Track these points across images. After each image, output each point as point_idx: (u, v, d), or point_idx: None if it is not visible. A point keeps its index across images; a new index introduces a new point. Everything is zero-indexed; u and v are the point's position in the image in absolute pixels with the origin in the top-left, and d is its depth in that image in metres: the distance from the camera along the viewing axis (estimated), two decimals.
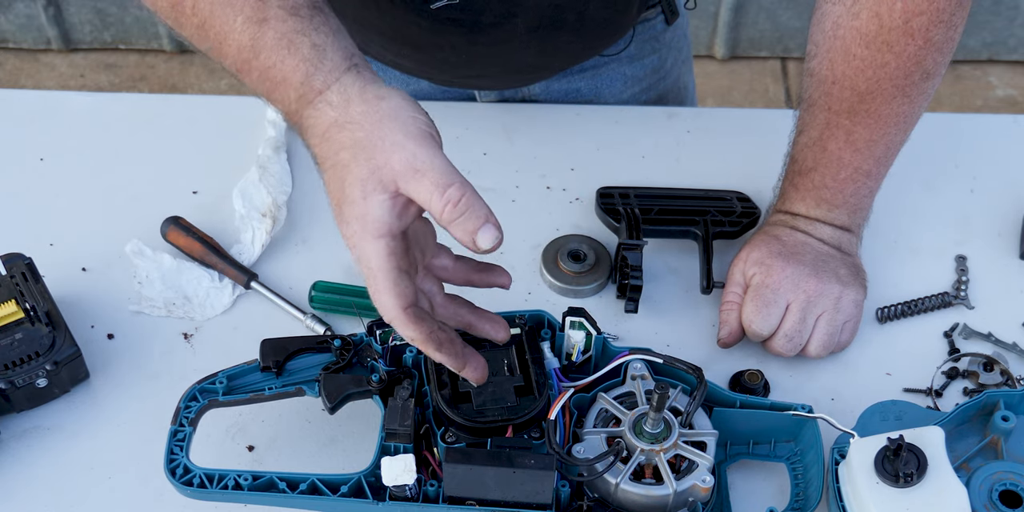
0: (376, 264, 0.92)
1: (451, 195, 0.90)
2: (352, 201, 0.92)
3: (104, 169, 1.35)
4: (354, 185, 0.92)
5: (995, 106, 2.96)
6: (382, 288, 0.93)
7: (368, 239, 0.92)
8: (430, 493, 1.01)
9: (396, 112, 0.93)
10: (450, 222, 0.90)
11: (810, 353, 1.18)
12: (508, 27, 1.26)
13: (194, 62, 3.05)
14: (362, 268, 0.93)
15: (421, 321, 0.94)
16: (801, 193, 1.21)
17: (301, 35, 0.97)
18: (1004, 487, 1.04)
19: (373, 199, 0.91)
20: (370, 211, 0.92)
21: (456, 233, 0.90)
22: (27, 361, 1.11)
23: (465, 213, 0.90)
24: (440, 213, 0.90)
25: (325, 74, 0.96)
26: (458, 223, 0.90)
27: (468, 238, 0.90)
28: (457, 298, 1.03)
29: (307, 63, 0.96)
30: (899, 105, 1.16)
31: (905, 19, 1.11)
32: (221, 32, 1.00)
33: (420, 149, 0.91)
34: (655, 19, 1.44)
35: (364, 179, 0.92)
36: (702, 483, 1.02)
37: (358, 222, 0.92)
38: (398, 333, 0.98)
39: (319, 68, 0.96)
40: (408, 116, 0.93)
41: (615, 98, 1.47)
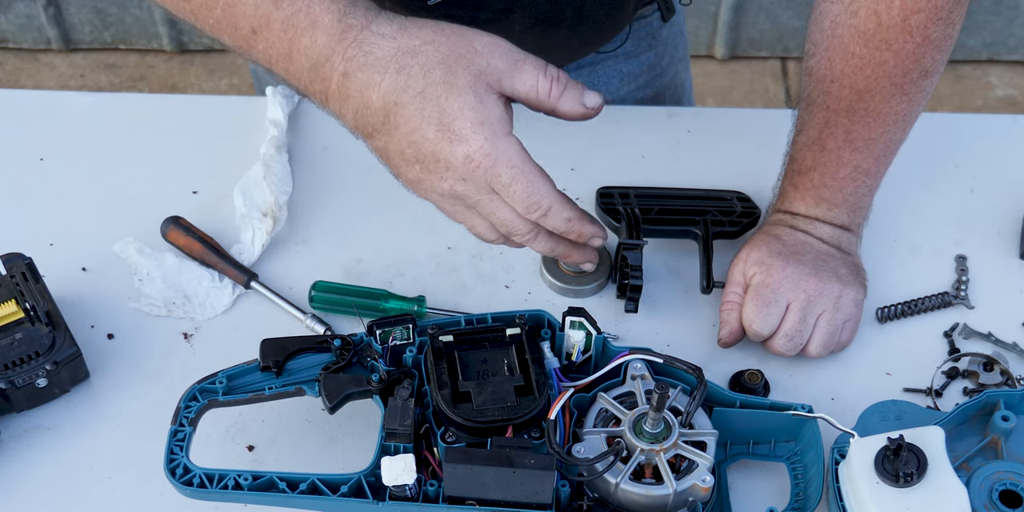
0: (521, 158, 0.96)
1: (552, 72, 0.98)
2: (468, 110, 0.94)
3: (104, 169, 1.35)
4: (464, 95, 0.94)
5: (995, 106, 2.96)
6: (537, 177, 0.97)
7: (502, 138, 0.95)
8: (430, 493, 1.01)
9: (462, 28, 0.97)
10: (559, 96, 0.97)
11: (810, 353, 1.18)
12: (505, 23, 1.26)
13: (194, 62, 3.05)
14: (502, 171, 0.95)
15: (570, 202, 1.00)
16: (800, 192, 1.21)
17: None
18: (1004, 487, 1.04)
19: (489, 100, 0.95)
20: (492, 112, 0.95)
21: (565, 105, 0.98)
22: (27, 361, 1.11)
23: (568, 84, 0.98)
24: (549, 91, 0.97)
25: (363, 11, 0.96)
26: (566, 93, 0.98)
27: (578, 103, 0.98)
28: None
29: (339, 2, 0.96)
30: (898, 103, 1.16)
31: (903, 17, 1.11)
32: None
33: (508, 44, 0.96)
34: (651, 16, 1.44)
35: (473, 85, 0.94)
36: (702, 483, 1.02)
37: (485, 128, 0.94)
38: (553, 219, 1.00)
39: (355, 5, 0.96)
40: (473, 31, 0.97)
41: (611, 95, 1.47)
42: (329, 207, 1.32)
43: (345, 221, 1.31)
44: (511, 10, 1.25)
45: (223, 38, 1.03)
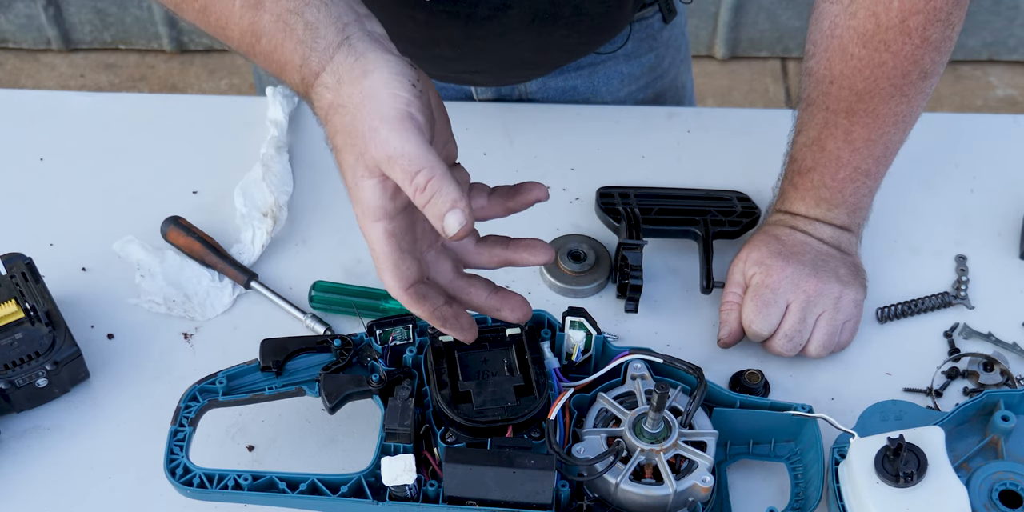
0: (377, 247, 0.94)
1: (418, 181, 0.89)
2: (349, 186, 0.94)
3: (104, 169, 1.35)
4: (347, 171, 0.93)
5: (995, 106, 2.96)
6: (384, 269, 0.95)
7: (367, 223, 0.93)
8: (430, 493, 1.01)
9: (376, 91, 0.91)
10: (422, 206, 0.91)
11: (810, 353, 1.18)
12: (504, 20, 1.26)
13: (194, 62, 3.05)
14: (369, 246, 0.95)
15: (424, 299, 0.97)
16: (800, 193, 1.21)
17: (295, 15, 0.96)
18: (1004, 487, 1.04)
19: (363, 184, 0.92)
20: (363, 197, 0.92)
21: (428, 217, 0.91)
22: (27, 361, 1.11)
23: (432, 198, 0.90)
24: (412, 198, 0.91)
25: (320, 54, 0.95)
26: (427, 208, 0.90)
27: (438, 223, 0.90)
28: (489, 238, 1.03)
29: (302, 45, 0.95)
30: (897, 104, 1.16)
31: (902, 18, 1.11)
32: (222, 17, 1.00)
33: (392, 134, 0.90)
34: (652, 17, 1.44)
35: (353, 165, 0.92)
36: (702, 483, 1.02)
37: (357, 207, 0.94)
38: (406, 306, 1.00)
39: (313, 49, 0.95)
40: (388, 94, 0.91)
41: (612, 96, 1.47)
42: (329, 207, 1.32)
43: (345, 221, 1.30)
44: (508, 6, 1.25)
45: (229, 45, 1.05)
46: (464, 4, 1.24)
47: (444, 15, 1.26)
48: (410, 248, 0.95)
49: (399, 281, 0.94)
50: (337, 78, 0.94)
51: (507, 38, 1.29)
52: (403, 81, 0.92)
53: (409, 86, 0.92)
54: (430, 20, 1.26)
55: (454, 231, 0.90)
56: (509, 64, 1.37)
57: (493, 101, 1.44)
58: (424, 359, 1.06)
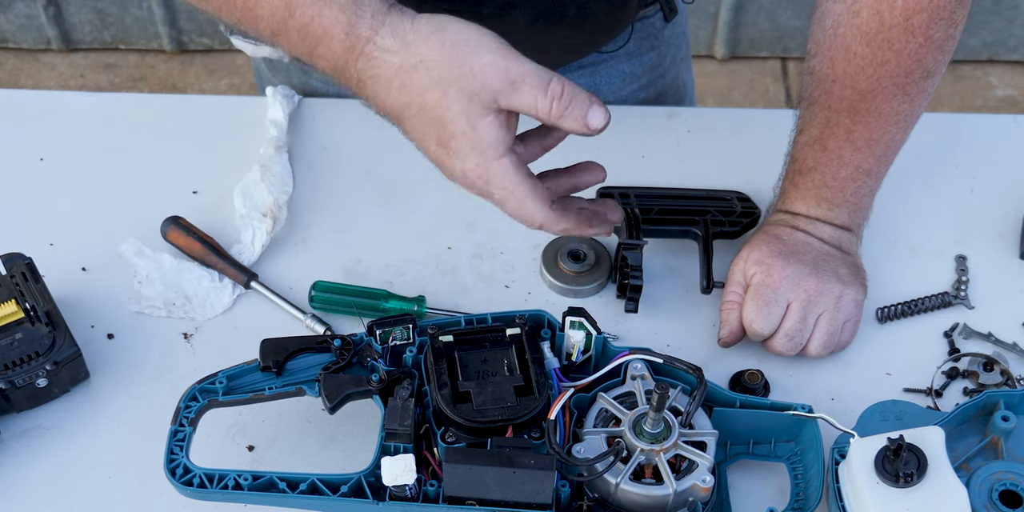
0: (511, 181, 0.96)
1: (554, 90, 0.94)
2: (460, 134, 0.94)
3: (104, 169, 1.35)
4: (457, 120, 0.94)
5: (995, 106, 2.96)
6: (525, 198, 0.97)
7: (492, 162, 0.95)
8: (430, 493, 1.01)
9: (463, 36, 0.95)
10: (560, 115, 0.95)
11: (810, 353, 1.18)
12: (508, 20, 1.26)
13: (194, 62, 3.05)
14: (494, 191, 0.96)
15: (568, 211, 1.00)
16: (801, 192, 1.21)
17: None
18: (1004, 487, 1.04)
19: (482, 124, 0.94)
20: (484, 137, 0.94)
21: (568, 124, 0.96)
22: (27, 361, 1.11)
23: (572, 102, 0.95)
24: (549, 111, 0.94)
25: (368, 20, 0.95)
26: (568, 113, 0.95)
27: (580, 124, 0.96)
28: (548, 172, 1.06)
29: (346, 13, 0.96)
30: (899, 103, 1.16)
31: (906, 17, 1.11)
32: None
33: (507, 61, 0.94)
34: (654, 16, 1.44)
35: (465, 110, 0.94)
36: (702, 483, 1.02)
37: (476, 153, 0.95)
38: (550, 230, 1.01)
39: (360, 16, 0.95)
40: (478, 35, 0.95)
41: (613, 95, 1.47)
42: (329, 207, 1.32)
43: (345, 221, 1.31)
44: (513, 6, 1.25)
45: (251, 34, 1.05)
46: (469, 3, 1.24)
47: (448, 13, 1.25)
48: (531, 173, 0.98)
49: (543, 202, 0.97)
50: (403, 40, 0.95)
51: (511, 38, 1.29)
52: (476, 24, 0.96)
53: (485, 29, 0.96)
54: None
55: (601, 124, 0.96)
56: None
57: None
58: (424, 359, 1.06)
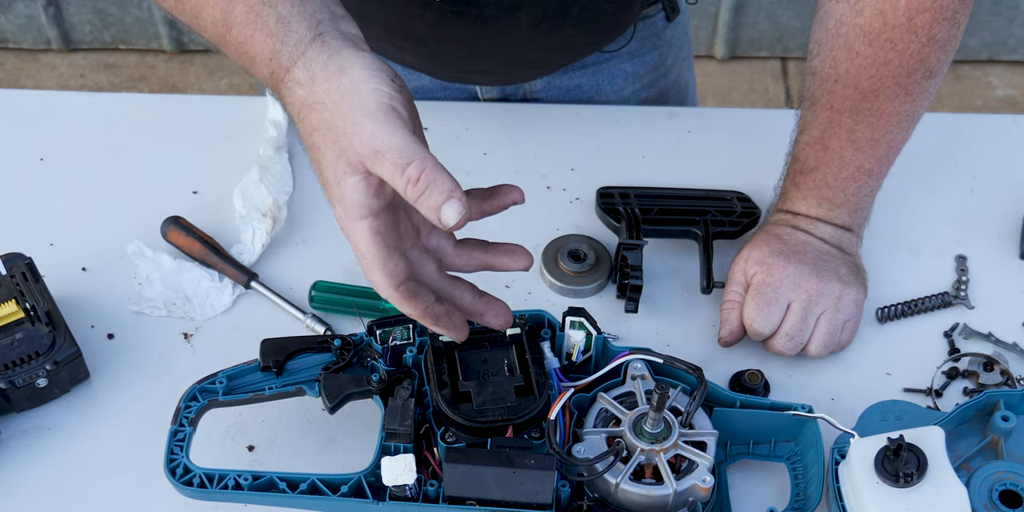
0: (363, 246, 0.92)
1: (410, 173, 0.87)
2: (330, 185, 0.91)
3: (104, 169, 1.35)
4: (328, 169, 0.91)
5: (995, 106, 2.96)
6: (372, 268, 0.92)
7: (351, 222, 0.91)
8: (430, 493, 1.01)
9: (356, 87, 0.89)
10: (415, 200, 0.88)
11: (810, 352, 1.18)
12: (512, 20, 1.26)
13: (194, 62, 3.05)
14: (353, 245, 0.92)
15: (415, 297, 0.94)
16: (802, 192, 1.21)
17: (267, 6, 0.94)
18: (1004, 487, 1.04)
19: (346, 182, 0.90)
20: (346, 194, 0.90)
21: (422, 210, 0.88)
22: (27, 361, 1.11)
23: (426, 190, 0.87)
24: (404, 192, 0.88)
25: (291, 48, 0.93)
26: (421, 200, 0.88)
27: (433, 215, 0.88)
28: (468, 241, 1.01)
29: (273, 38, 0.93)
30: (901, 103, 1.16)
31: (908, 17, 1.11)
32: (196, 6, 0.98)
33: (378, 127, 0.88)
34: (656, 16, 1.44)
35: (334, 163, 0.90)
36: (702, 483, 1.02)
37: (339, 205, 0.91)
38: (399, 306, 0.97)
39: (284, 43, 0.93)
40: (369, 89, 0.89)
41: (616, 95, 1.47)
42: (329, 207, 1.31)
43: None
44: (517, 7, 1.25)
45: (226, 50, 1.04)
46: (474, 5, 1.24)
47: (453, 15, 1.26)
48: (396, 245, 0.93)
49: (389, 279, 0.92)
50: (311, 74, 0.92)
51: (514, 38, 1.29)
52: (382, 76, 0.90)
53: (388, 81, 0.90)
54: (439, 20, 1.26)
55: (453, 221, 0.87)
56: (515, 63, 1.37)
57: (497, 100, 1.44)
58: (424, 359, 1.06)
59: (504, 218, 1.02)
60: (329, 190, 0.92)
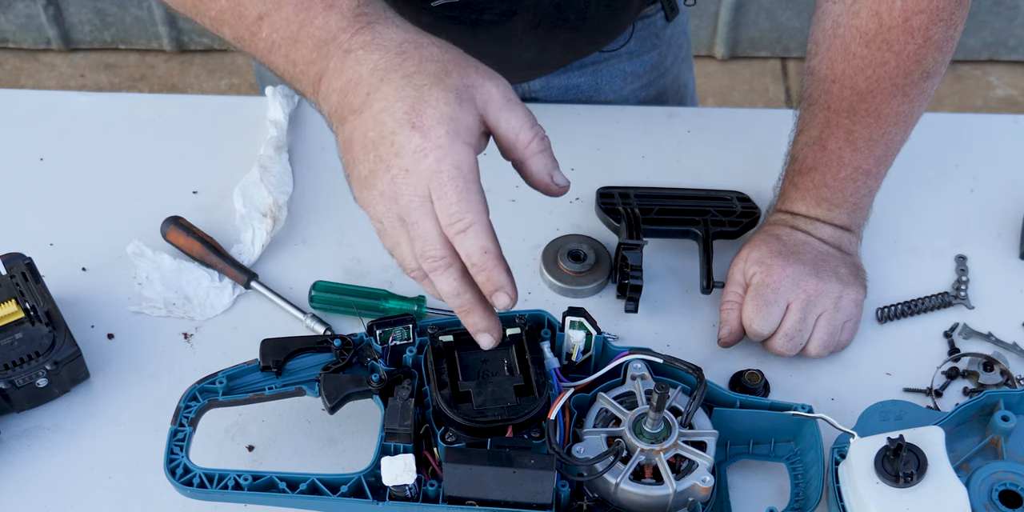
0: (468, 166, 0.91)
1: (539, 130, 0.94)
2: (444, 103, 0.91)
3: (104, 169, 1.35)
4: (447, 91, 0.91)
5: (995, 106, 2.96)
6: (474, 191, 0.91)
7: (460, 143, 0.91)
8: (430, 493, 1.01)
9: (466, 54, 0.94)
10: (535, 153, 0.94)
11: (810, 353, 1.18)
12: (509, 25, 1.26)
13: (194, 62, 3.05)
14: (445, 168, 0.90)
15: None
16: (801, 192, 1.21)
17: None
18: (1004, 487, 1.04)
19: (467, 108, 0.91)
20: (464, 118, 0.91)
21: (536, 166, 0.94)
22: (27, 361, 1.11)
23: (546, 149, 0.95)
24: (528, 143, 0.93)
25: (381, 6, 0.96)
26: (541, 156, 0.95)
27: (547, 172, 0.95)
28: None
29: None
30: (899, 104, 1.16)
31: (904, 18, 1.11)
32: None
33: (508, 85, 0.94)
34: (655, 15, 1.44)
35: (459, 89, 0.91)
36: (702, 483, 1.02)
37: (448, 125, 0.90)
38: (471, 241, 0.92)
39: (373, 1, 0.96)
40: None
41: (615, 94, 1.47)
42: (329, 207, 1.32)
43: (345, 221, 1.31)
44: (514, 12, 1.25)
45: (223, 30, 1.02)
46: (470, 10, 1.24)
47: (450, 20, 1.26)
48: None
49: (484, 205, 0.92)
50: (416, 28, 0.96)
51: (512, 41, 1.29)
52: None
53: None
54: (435, 24, 1.26)
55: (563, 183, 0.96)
56: (513, 65, 1.37)
57: None
58: (424, 359, 1.06)
59: (504, 218, 1.02)
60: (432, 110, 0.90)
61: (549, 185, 0.96)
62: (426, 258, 0.93)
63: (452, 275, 0.94)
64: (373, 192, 0.94)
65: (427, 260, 0.93)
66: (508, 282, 0.94)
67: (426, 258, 0.93)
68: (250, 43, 1.01)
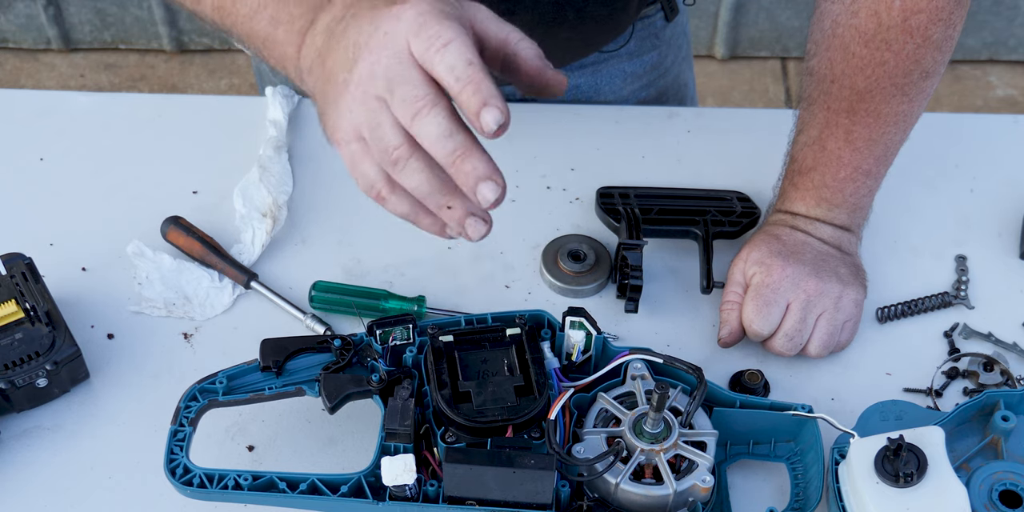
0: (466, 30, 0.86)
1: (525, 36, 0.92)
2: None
3: (104, 169, 1.35)
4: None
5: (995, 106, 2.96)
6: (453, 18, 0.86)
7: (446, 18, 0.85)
8: (430, 493, 1.01)
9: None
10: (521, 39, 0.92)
11: (810, 353, 1.18)
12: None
13: (194, 62, 3.05)
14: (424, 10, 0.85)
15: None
16: (801, 192, 1.21)
17: None
18: (1004, 487, 1.04)
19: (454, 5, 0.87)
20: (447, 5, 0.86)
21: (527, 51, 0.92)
22: (27, 361, 1.11)
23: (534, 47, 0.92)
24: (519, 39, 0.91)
25: None
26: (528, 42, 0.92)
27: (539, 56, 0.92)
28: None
29: None
30: (898, 104, 1.16)
31: (903, 17, 1.11)
32: None
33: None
34: (655, 15, 1.44)
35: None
36: (702, 483, 1.02)
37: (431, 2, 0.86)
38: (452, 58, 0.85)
39: None
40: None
41: (615, 95, 1.47)
42: (329, 207, 1.32)
43: (345, 221, 1.31)
44: (513, 12, 1.25)
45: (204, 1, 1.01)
46: None
47: None
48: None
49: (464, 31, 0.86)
50: None
51: None
52: None
53: None
54: None
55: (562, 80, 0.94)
56: None
57: None
58: (424, 359, 1.06)
59: (504, 218, 1.02)
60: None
61: (543, 69, 0.91)
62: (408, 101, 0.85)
63: (440, 113, 0.86)
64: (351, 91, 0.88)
65: (410, 103, 0.85)
66: (499, 95, 0.87)
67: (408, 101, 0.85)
68: (231, 11, 0.99)
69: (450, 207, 0.90)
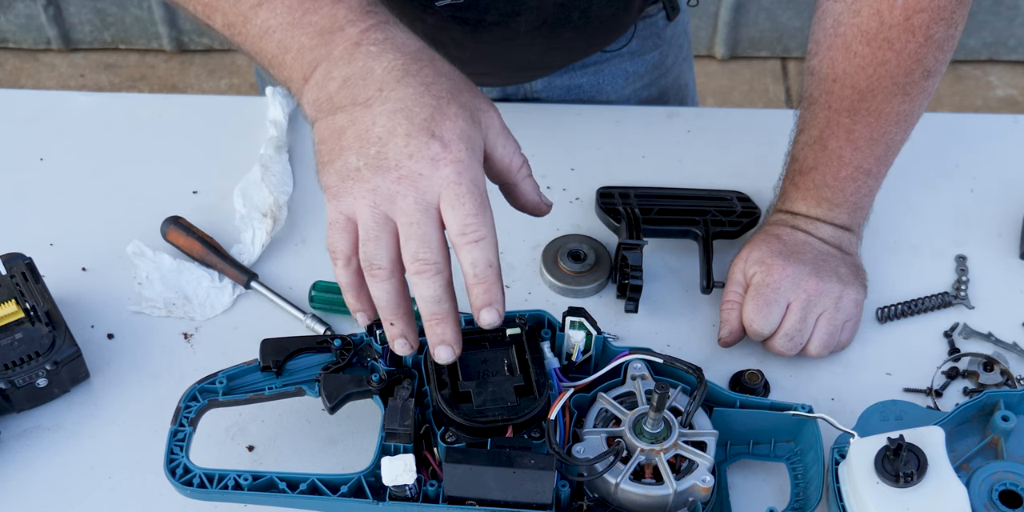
0: (483, 185, 0.94)
1: (525, 157, 0.99)
2: (463, 121, 0.93)
3: (104, 169, 1.35)
4: (462, 110, 0.93)
5: (995, 106, 2.96)
6: (488, 206, 0.94)
7: (475, 161, 0.94)
8: (430, 493, 1.01)
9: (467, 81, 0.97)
10: (526, 177, 1.00)
11: (810, 352, 1.18)
12: (512, 25, 1.26)
13: (194, 62, 3.05)
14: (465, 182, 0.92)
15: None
16: (802, 192, 1.21)
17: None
18: (1004, 487, 1.04)
19: (478, 130, 0.94)
20: (476, 137, 0.94)
21: (528, 187, 1.00)
22: (27, 361, 1.11)
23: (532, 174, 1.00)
24: (520, 167, 0.99)
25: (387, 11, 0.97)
26: (531, 179, 1.00)
27: (537, 192, 1.01)
28: None
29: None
30: (900, 103, 1.16)
31: (906, 16, 1.11)
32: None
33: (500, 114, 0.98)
34: (656, 15, 1.44)
35: (472, 110, 0.94)
36: (702, 483, 1.02)
37: (467, 142, 0.93)
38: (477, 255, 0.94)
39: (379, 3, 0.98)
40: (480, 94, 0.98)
41: (616, 94, 1.47)
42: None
43: None
44: (518, 13, 1.25)
45: (215, 17, 1.01)
46: (474, 10, 1.24)
47: (453, 21, 1.26)
48: None
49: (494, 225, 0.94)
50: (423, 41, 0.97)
51: (515, 42, 1.30)
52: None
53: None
54: (439, 24, 1.26)
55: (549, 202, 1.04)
56: (516, 66, 1.37)
57: (498, 100, 1.44)
58: (424, 359, 1.06)
59: (504, 218, 1.02)
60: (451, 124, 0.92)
61: (539, 205, 1.02)
62: (419, 260, 0.94)
63: (439, 281, 0.95)
64: (362, 185, 0.94)
65: (419, 262, 0.94)
66: (502, 300, 0.96)
67: (419, 260, 0.94)
68: (241, 29, 1.00)
69: (392, 324, 0.99)
